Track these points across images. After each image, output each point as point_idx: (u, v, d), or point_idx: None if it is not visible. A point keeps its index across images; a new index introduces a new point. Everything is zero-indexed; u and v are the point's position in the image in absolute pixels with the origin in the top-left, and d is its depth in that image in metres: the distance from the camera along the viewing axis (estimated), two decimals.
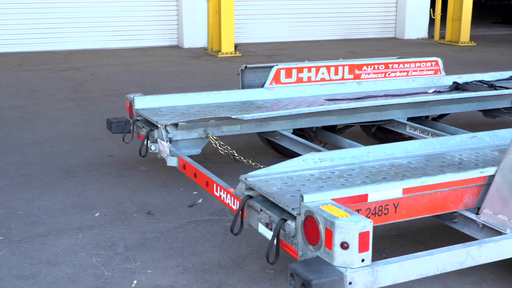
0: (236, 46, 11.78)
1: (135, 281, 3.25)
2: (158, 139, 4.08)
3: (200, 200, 4.34)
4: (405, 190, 2.78)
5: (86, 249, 3.62)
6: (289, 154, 4.83)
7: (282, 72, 4.96)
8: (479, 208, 2.99)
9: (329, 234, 2.35)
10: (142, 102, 4.52)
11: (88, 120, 6.62)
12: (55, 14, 11.75)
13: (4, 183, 4.65)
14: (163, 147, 4.00)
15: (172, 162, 3.89)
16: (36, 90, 8.25)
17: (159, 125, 4.06)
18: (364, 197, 2.69)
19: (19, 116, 6.79)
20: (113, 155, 5.40)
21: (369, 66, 5.28)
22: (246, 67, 5.03)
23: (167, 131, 4.04)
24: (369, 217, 2.61)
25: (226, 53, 11.55)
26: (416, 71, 5.48)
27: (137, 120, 4.41)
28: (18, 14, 11.53)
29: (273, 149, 5.21)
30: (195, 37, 12.66)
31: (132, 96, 4.56)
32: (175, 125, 4.06)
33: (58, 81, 8.96)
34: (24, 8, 11.60)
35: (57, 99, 7.71)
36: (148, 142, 4.12)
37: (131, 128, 4.45)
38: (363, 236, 2.32)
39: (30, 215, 4.09)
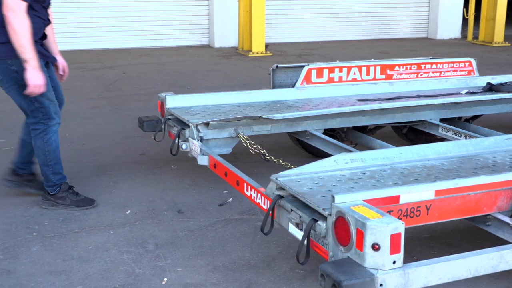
0: (266, 45, 11.77)
1: (165, 279, 3.27)
2: (189, 138, 4.10)
3: (230, 199, 4.35)
4: (438, 192, 2.74)
5: (117, 246, 3.66)
6: (320, 154, 4.81)
7: (313, 72, 4.95)
8: None
9: (360, 235, 2.34)
10: (174, 101, 4.55)
11: (120, 119, 6.68)
12: (88, 14, 11.88)
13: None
14: (194, 146, 4.02)
15: (203, 161, 3.91)
16: (69, 89, 8.31)
17: (190, 124, 4.09)
18: (396, 199, 2.66)
19: None
20: (144, 153, 5.45)
21: (401, 67, 5.23)
22: (277, 66, 5.02)
23: (198, 130, 4.06)
24: (400, 219, 2.59)
25: (257, 53, 11.55)
26: (449, 71, 5.41)
27: (169, 119, 4.44)
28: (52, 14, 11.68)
29: (304, 149, 5.20)
30: (226, 36, 12.68)
31: (164, 95, 4.59)
32: (206, 124, 4.08)
33: (90, 79, 9.06)
34: (58, 7, 11.72)
35: (90, 97, 7.80)
36: (179, 140, 4.15)
37: (163, 126, 4.48)
38: (394, 238, 2.30)
39: (63, 212, 4.15)
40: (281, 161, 3.92)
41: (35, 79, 3.82)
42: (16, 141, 4.34)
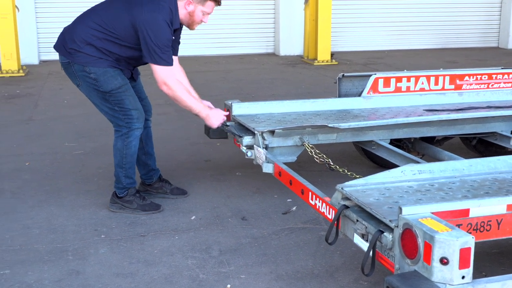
0: (332, 54, 11.72)
1: (228, 285, 3.29)
2: (254, 146, 4.12)
3: (294, 208, 4.35)
4: (510, 206, 2.65)
5: (182, 251, 3.71)
6: (385, 165, 4.76)
7: (380, 81, 4.88)
8: None
9: (428, 248, 2.29)
10: (240, 109, 4.59)
11: (186, 125, 6.78)
12: None
13: (106, 183, 4.85)
14: (259, 153, 4.04)
15: (267, 168, 3.92)
16: None
17: (256, 132, 4.10)
18: (466, 212, 2.60)
19: None
20: (209, 160, 5.51)
21: (471, 77, 5.10)
22: (343, 75, 4.99)
23: (263, 138, 4.08)
24: (470, 233, 2.52)
25: (322, 61, 11.52)
26: None
27: (226, 125, 4.44)
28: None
29: (369, 159, 5.15)
30: (291, 45, 12.70)
31: (230, 102, 4.63)
32: (272, 132, 4.09)
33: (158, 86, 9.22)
34: None
35: (157, 104, 7.90)
36: (245, 149, 4.17)
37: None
38: (464, 252, 2.24)
39: (130, 216, 4.24)
40: (346, 171, 3.89)
41: (214, 123, 4.20)
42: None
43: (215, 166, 5.33)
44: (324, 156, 4.02)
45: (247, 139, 4.14)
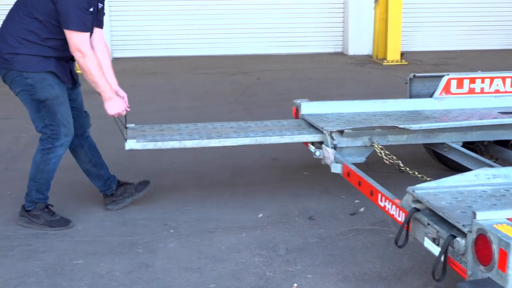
0: (402, 54, 11.54)
1: (295, 285, 3.30)
2: (323, 146, 4.11)
3: (362, 209, 4.31)
4: None
5: (249, 249, 3.75)
6: (456, 168, 4.65)
7: (453, 82, 4.78)
8: None
9: (503, 255, 2.23)
10: (308, 108, 4.58)
11: None
12: (226, 21, 12.24)
13: (180, 178, 4.93)
14: (328, 153, 4.02)
15: (336, 169, 3.90)
16: (209, 92, 8.65)
17: (324, 132, 4.10)
18: None
19: (192, 116, 7.11)
20: (277, 158, 5.53)
21: None
22: (414, 76, 4.91)
23: (332, 138, 4.06)
24: None
25: (392, 61, 11.35)
26: None
27: (126, 127, 4.29)
28: (193, 20, 12.15)
29: (439, 161, 5.04)
30: (360, 44, 12.57)
31: (299, 101, 4.64)
32: (341, 132, 4.07)
33: (228, 84, 9.33)
34: (198, 15, 12.21)
35: (227, 101, 8.03)
36: (314, 148, 4.17)
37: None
38: None
39: (199, 211, 4.30)
40: (416, 173, 3.83)
41: (111, 109, 4.00)
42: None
43: (283, 165, 5.35)
44: (394, 157, 3.97)
45: (130, 143, 4.04)
